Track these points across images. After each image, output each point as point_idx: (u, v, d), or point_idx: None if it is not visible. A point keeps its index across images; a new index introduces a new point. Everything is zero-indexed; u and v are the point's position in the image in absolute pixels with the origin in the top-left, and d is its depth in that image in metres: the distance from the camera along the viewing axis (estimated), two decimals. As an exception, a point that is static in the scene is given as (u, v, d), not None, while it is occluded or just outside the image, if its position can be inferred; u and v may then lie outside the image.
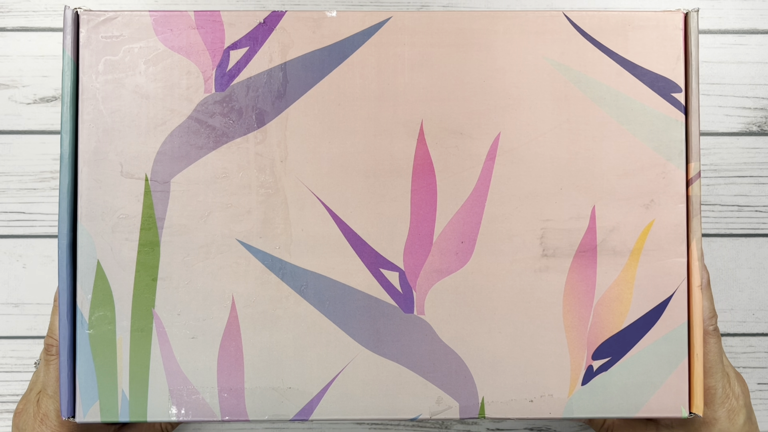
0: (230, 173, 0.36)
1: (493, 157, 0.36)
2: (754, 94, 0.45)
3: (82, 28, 0.36)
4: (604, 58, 0.36)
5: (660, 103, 0.36)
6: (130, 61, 0.36)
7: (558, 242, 0.36)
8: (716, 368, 0.36)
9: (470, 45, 0.36)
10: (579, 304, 0.36)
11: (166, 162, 0.36)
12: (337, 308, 0.36)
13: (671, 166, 0.36)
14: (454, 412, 0.36)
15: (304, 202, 0.36)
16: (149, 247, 0.36)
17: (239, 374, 0.35)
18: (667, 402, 0.36)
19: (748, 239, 0.45)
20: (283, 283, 0.36)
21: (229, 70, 0.36)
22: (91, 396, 0.35)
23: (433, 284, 0.36)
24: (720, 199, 0.45)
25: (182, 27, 0.36)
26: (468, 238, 0.36)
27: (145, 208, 0.36)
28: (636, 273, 0.36)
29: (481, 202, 0.36)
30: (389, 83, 0.36)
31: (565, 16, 0.36)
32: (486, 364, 0.36)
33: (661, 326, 0.36)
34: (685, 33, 0.36)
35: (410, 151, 0.36)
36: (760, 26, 0.45)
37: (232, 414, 0.35)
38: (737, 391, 0.37)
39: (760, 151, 0.45)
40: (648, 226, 0.36)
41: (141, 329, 0.35)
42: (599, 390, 0.36)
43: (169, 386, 0.35)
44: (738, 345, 0.45)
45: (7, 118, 0.44)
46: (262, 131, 0.36)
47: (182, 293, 0.36)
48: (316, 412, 0.35)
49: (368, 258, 0.36)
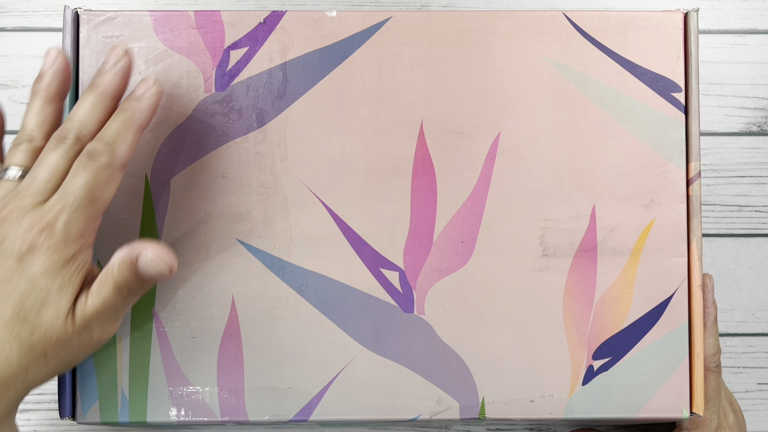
0: (230, 173, 0.36)
1: (493, 156, 0.36)
2: (754, 94, 0.45)
3: (82, 28, 0.36)
4: (604, 58, 0.36)
5: (660, 103, 0.36)
6: (130, 60, 0.36)
7: (558, 242, 0.36)
8: (713, 402, 0.37)
9: (470, 45, 0.36)
10: (579, 303, 0.36)
11: (166, 162, 0.36)
12: (337, 308, 0.36)
13: (671, 166, 0.36)
14: (455, 413, 0.36)
15: (304, 202, 0.36)
16: (149, 247, 0.35)
17: (239, 374, 0.35)
18: (667, 402, 0.36)
19: (748, 239, 0.45)
20: (283, 283, 0.36)
21: (229, 69, 0.36)
22: (91, 396, 0.35)
23: (433, 284, 0.36)
24: (720, 199, 0.45)
25: (182, 27, 0.36)
26: (468, 238, 0.36)
27: (145, 208, 0.36)
28: (636, 273, 0.36)
29: (481, 201, 0.36)
30: (389, 83, 0.36)
31: (565, 16, 0.36)
32: (486, 364, 0.36)
33: (661, 326, 0.36)
34: (684, 33, 0.36)
35: (410, 151, 0.36)
36: (760, 26, 0.45)
37: (232, 414, 0.35)
38: (731, 421, 0.39)
39: (760, 151, 0.45)
40: (648, 226, 0.36)
41: (141, 329, 0.35)
42: (600, 390, 0.36)
43: (169, 386, 0.35)
44: (738, 345, 0.45)
45: (7, 118, 0.44)
46: (262, 131, 0.36)
47: (182, 293, 0.36)
48: (316, 412, 0.35)
49: (368, 258, 0.36)
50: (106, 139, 0.31)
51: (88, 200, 0.30)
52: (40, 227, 0.29)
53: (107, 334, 0.32)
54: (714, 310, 0.37)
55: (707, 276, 0.36)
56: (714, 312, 0.37)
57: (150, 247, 0.30)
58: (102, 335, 0.31)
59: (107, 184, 0.30)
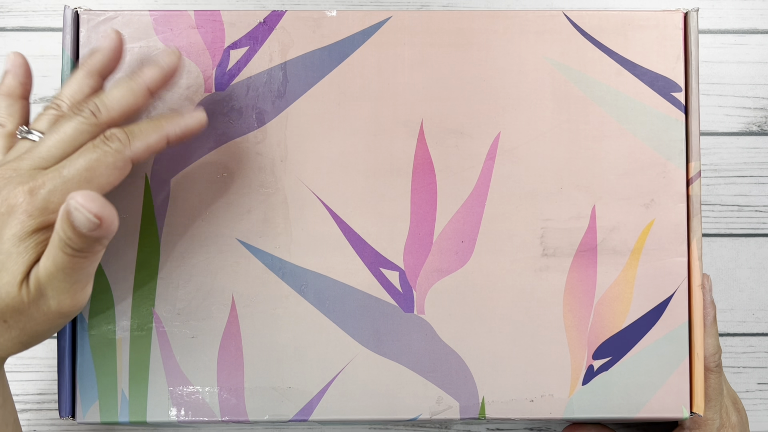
0: (230, 173, 0.36)
1: (493, 156, 0.36)
2: (754, 94, 0.45)
3: (82, 28, 0.36)
4: (604, 58, 0.36)
5: (660, 103, 0.36)
6: (130, 60, 0.36)
7: (558, 242, 0.36)
8: (715, 401, 0.37)
9: (470, 45, 0.36)
10: (579, 303, 0.36)
11: (166, 162, 0.36)
12: (337, 308, 0.36)
13: (671, 166, 0.36)
14: (455, 412, 0.36)
15: (304, 202, 0.36)
16: (149, 246, 0.35)
17: (239, 374, 0.35)
18: (668, 402, 0.36)
19: (748, 239, 0.45)
20: (283, 283, 0.36)
21: (229, 69, 0.36)
22: (91, 396, 0.35)
23: (433, 284, 0.36)
24: (720, 199, 0.45)
25: (182, 27, 0.36)
26: (468, 238, 0.36)
27: (145, 208, 0.36)
28: (636, 272, 0.36)
29: (481, 201, 0.36)
30: (389, 83, 0.36)
31: (565, 15, 0.36)
32: (486, 364, 0.36)
33: (661, 326, 0.36)
34: (685, 32, 0.36)
35: (410, 151, 0.36)
36: (760, 26, 0.45)
37: (232, 414, 0.35)
38: (734, 421, 0.38)
39: (760, 151, 0.45)
40: (648, 226, 0.36)
41: (141, 329, 0.35)
42: (600, 390, 0.36)
43: (169, 386, 0.35)
44: (738, 345, 0.45)
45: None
46: (262, 131, 0.36)
47: (182, 293, 0.36)
48: (316, 412, 0.35)
49: (368, 257, 0.36)
50: (128, 130, 0.31)
51: (82, 177, 0.29)
52: (26, 189, 0.28)
53: (66, 304, 0.30)
54: (713, 310, 0.37)
55: (705, 276, 0.36)
56: (713, 312, 0.37)
57: (76, 195, 0.27)
58: (60, 305, 0.29)
59: (109, 168, 0.30)
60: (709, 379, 0.37)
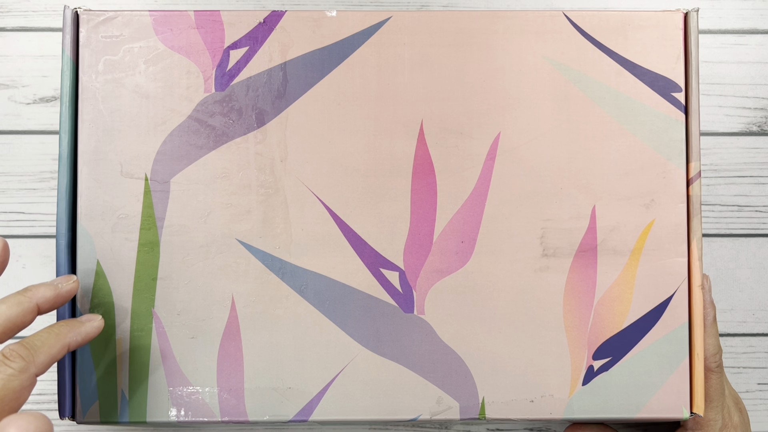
0: (230, 173, 0.36)
1: (493, 156, 0.36)
2: (754, 94, 0.45)
3: (82, 28, 0.36)
4: (604, 58, 0.36)
5: (660, 103, 0.36)
6: (130, 60, 0.36)
7: (558, 242, 0.36)
8: (717, 402, 0.37)
9: (470, 45, 0.36)
10: (579, 304, 0.36)
11: (166, 162, 0.36)
12: (337, 308, 0.36)
13: (671, 166, 0.36)
14: (455, 413, 0.36)
15: (304, 202, 0.36)
16: (149, 247, 0.35)
17: (239, 374, 0.35)
18: (668, 402, 0.36)
19: (748, 239, 0.45)
20: (283, 283, 0.36)
21: (229, 69, 0.36)
22: (91, 396, 0.35)
23: (433, 284, 0.36)
24: (720, 199, 0.45)
25: (182, 27, 0.36)
26: (468, 238, 0.36)
27: (144, 208, 0.36)
28: (636, 273, 0.36)
29: (481, 201, 0.36)
30: (389, 83, 0.36)
31: (565, 15, 0.36)
32: (486, 364, 0.36)
33: (661, 326, 0.36)
34: (685, 33, 0.36)
35: (410, 151, 0.36)
36: (760, 26, 0.45)
37: (232, 414, 0.35)
38: (736, 421, 0.38)
39: (760, 151, 0.45)
40: (648, 226, 0.36)
41: (141, 329, 0.35)
42: (600, 390, 0.36)
43: (169, 386, 0.35)
44: (738, 345, 0.45)
45: (6, 118, 0.44)
46: (262, 131, 0.36)
47: (182, 293, 0.36)
48: (316, 413, 0.35)
49: (368, 258, 0.36)
50: (28, 344, 0.29)
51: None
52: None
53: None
54: (712, 310, 0.37)
55: (704, 276, 0.36)
56: (712, 312, 0.37)
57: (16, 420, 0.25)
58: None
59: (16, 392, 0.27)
60: (710, 380, 0.37)
